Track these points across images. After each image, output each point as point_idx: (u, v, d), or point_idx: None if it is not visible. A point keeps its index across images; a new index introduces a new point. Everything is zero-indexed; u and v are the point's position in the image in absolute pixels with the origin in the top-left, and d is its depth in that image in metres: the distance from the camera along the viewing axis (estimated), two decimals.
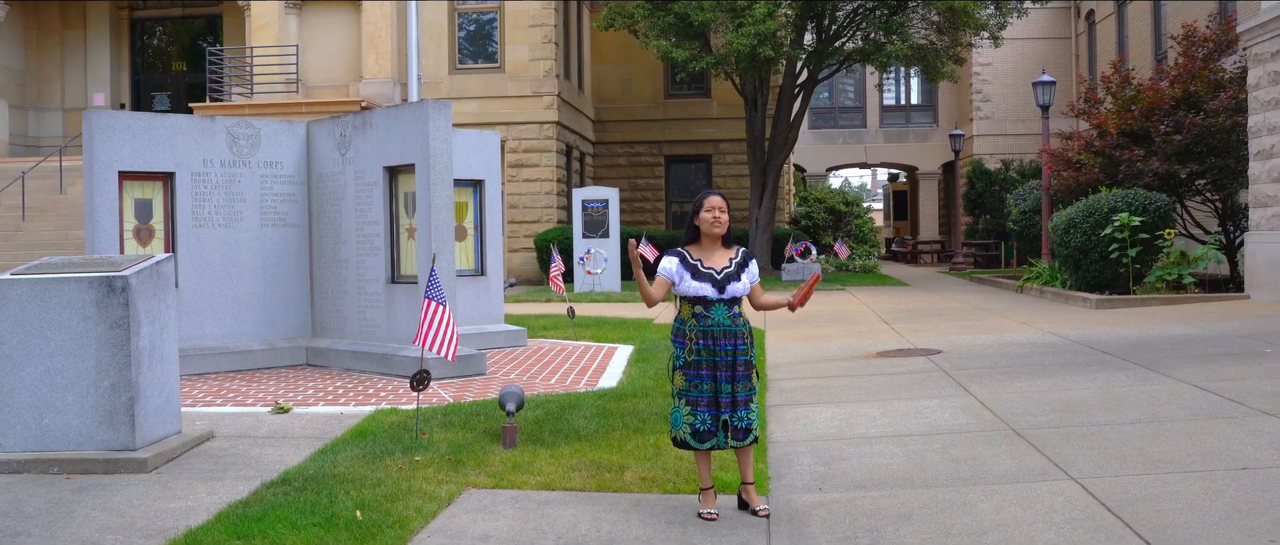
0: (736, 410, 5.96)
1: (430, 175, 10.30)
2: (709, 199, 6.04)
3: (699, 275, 5.96)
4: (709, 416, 5.94)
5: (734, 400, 5.96)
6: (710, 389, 5.95)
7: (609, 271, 24.08)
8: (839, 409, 9.32)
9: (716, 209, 6.01)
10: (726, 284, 5.97)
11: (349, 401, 9.35)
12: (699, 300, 5.96)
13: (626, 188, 35.80)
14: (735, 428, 5.96)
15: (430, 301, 7.46)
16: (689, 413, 5.96)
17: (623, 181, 35.81)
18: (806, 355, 13.09)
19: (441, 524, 5.88)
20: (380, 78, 28.45)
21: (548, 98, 29.15)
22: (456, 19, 29.65)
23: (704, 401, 5.95)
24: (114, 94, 32.48)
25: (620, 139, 36.03)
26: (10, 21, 30.32)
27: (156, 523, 5.88)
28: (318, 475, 6.66)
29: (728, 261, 6.03)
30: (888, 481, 6.71)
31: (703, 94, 35.45)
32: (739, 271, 6.03)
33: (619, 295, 23.07)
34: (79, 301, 7.13)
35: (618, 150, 36.11)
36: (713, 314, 5.95)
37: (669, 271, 6.00)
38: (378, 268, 11.01)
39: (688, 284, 5.95)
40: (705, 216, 6.00)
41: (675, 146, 35.85)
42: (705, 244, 6.05)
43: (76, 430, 7.16)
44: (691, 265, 5.98)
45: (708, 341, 5.94)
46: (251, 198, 11.41)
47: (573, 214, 24.83)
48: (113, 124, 10.66)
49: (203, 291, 11.15)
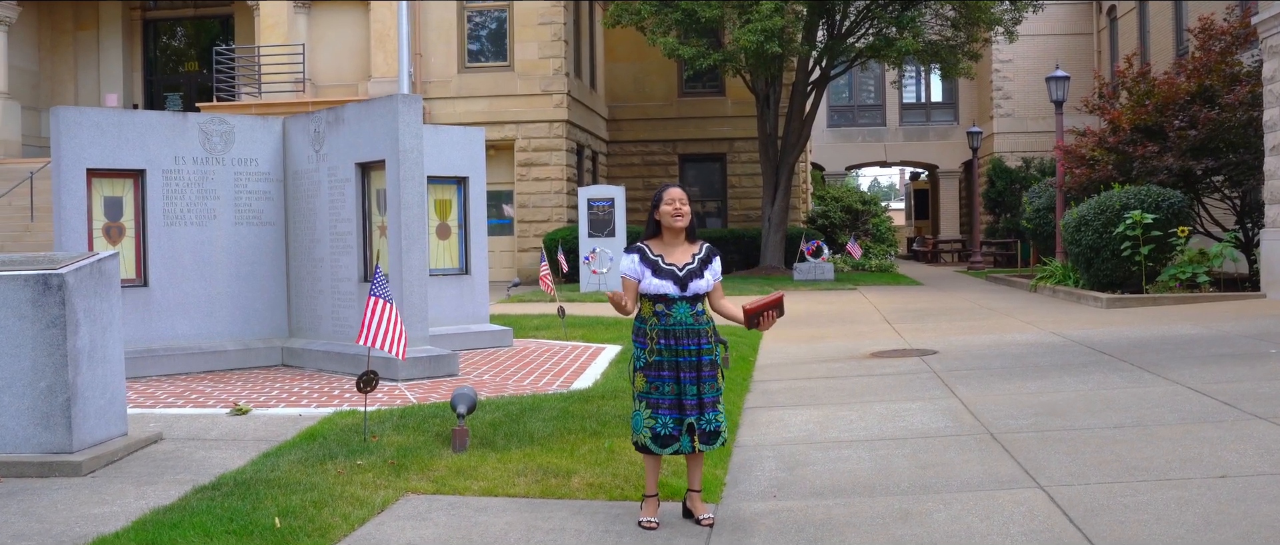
0: (703, 413, 5.68)
1: (400, 172, 10.06)
2: (668, 192, 5.75)
3: (660, 272, 5.67)
4: (671, 420, 5.65)
5: (701, 402, 5.68)
6: (673, 391, 5.66)
7: (614, 271, 23.76)
8: (816, 411, 9.01)
9: (677, 201, 5.73)
10: (689, 281, 5.67)
11: (311, 403, 9.11)
12: (660, 298, 5.67)
13: (640, 187, 35.51)
14: (703, 430, 5.68)
15: (376, 299, 7.20)
16: (650, 416, 5.67)
17: (636, 181, 35.52)
18: (799, 356, 12.78)
19: (367, 532, 5.62)
20: (389, 77, 28.28)
21: (557, 96, 28.90)
22: (466, 18, 29.46)
23: (666, 403, 5.66)
24: (127, 94, 32.47)
25: (634, 137, 35.76)
26: (23, 22, 30.34)
27: (73, 529, 5.65)
28: (251, 480, 6.41)
29: (690, 257, 5.74)
30: (847, 488, 6.41)
31: (717, 92, 35.13)
32: (702, 268, 5.74)
33: None
34: (15, 300, 6.92)
35: (631, 149, 35.84)
36: (675, 312, 5.66)
37: (631, 270, 5.72)
38: (351, 266, 10.77)
39: (649, 281, 5.67)
40: (665, 210, 5.71)
41: (689, 145, 35.54)
42: (667, 239, 5.76)
43: (13, 432, 6.95)
44: (652, 261, 5.69)
45: (670, 341, 5.66)
46: (225, 195, 11.19)
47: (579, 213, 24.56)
48: (80, 120, 10.46)
49: (175, 291, 10.94)
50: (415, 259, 10.16)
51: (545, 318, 16.41)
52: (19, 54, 30.47)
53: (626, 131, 35.82)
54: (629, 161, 35.83)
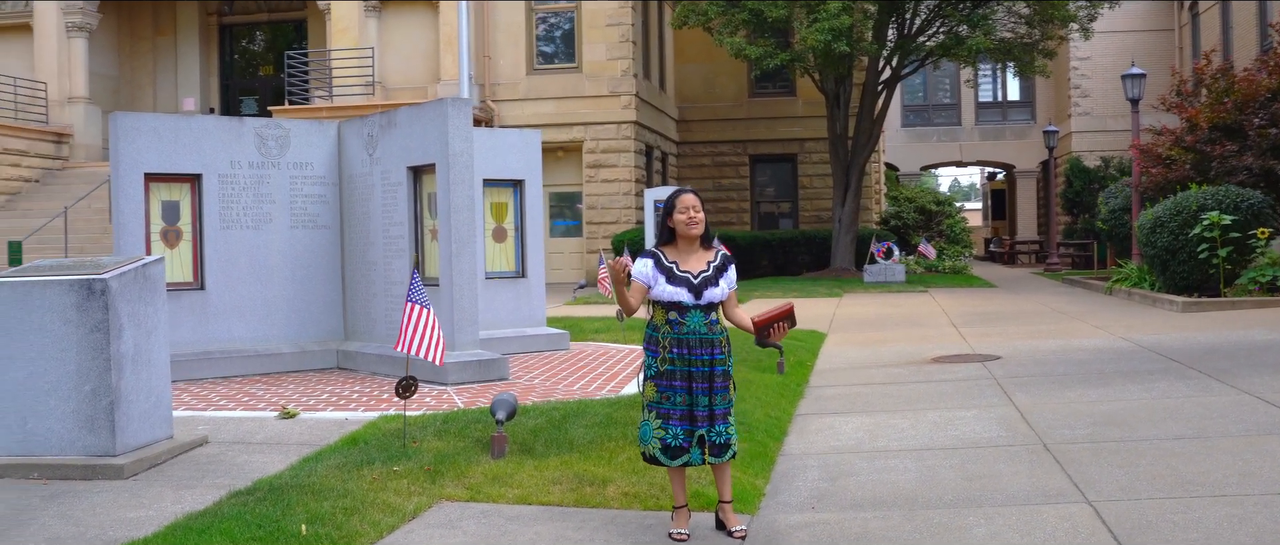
0: (714, 424, 5.54)
1: (450, 175, 10.04)
2: (682, 198, 5.62)
3: (674, 279, 5.54)
4: (682, 431, 5.52)
5: (712, 414, 5.54)
6: (684, 402, 5.53)
7: None
8: (868, 419, 8.83)
9: (691, 208, 5.59)
10: (704, 289, 5.54)
11: (359, 407, 9.13)
12: (674, 306, 5.54)
13: (711, 188, 35.37)
14: (712, 443, 5.54)
15: (412, 304, 7.17)
16: (660, 426, 5.55)
17: (707, 182, 35.38)
18: (859, 360, 12.58)
19: (394, 540, 5.58)
20: (457, 79, 28.39)
21: (626, 97, 28.86)
22: (534, 19, 29.53)
23: (676, 414, 5.53)
24: (203, 98, 33.03)
25: (704, 138, 35.61)
26: (103, 28, 30.99)
27: (107, 533, 5.68)
28: (286, 485, 6.40)
29: (706, 265, 5.60)
30: (888, 501, 6.24)
31: (787, 92, 34.86)
32: (717, 276, 5.60)
33: None
34: (60, 304, 6.99)
35: (701, 150, 35.69)
36: (688, 321, 5.53)
37: (643, 275, 5.59)
38: (403, 270, 10.78)
39: (662, 288, 5.54)
40: (679, 218, 5.58)
41: (760, 146, 35.31)
42: (681, 245, 5.63)
43: (59, 435, 7.02)
44: (667, 268, 5.57)
45: (682, 350, 5.53)
46: (281, 199, 11.27)
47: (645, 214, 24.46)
48: (137, 125, 10.60)
49: (231, 294, 11.04)
50: (465, 262, 10.14)
51: (607, 320, 16.34)
52: (99, 60, 31.12)
53: (697, 132, 35.67)
54: (699, 162, 35.69)
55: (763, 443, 7.72)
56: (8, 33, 30.47)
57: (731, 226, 33.92)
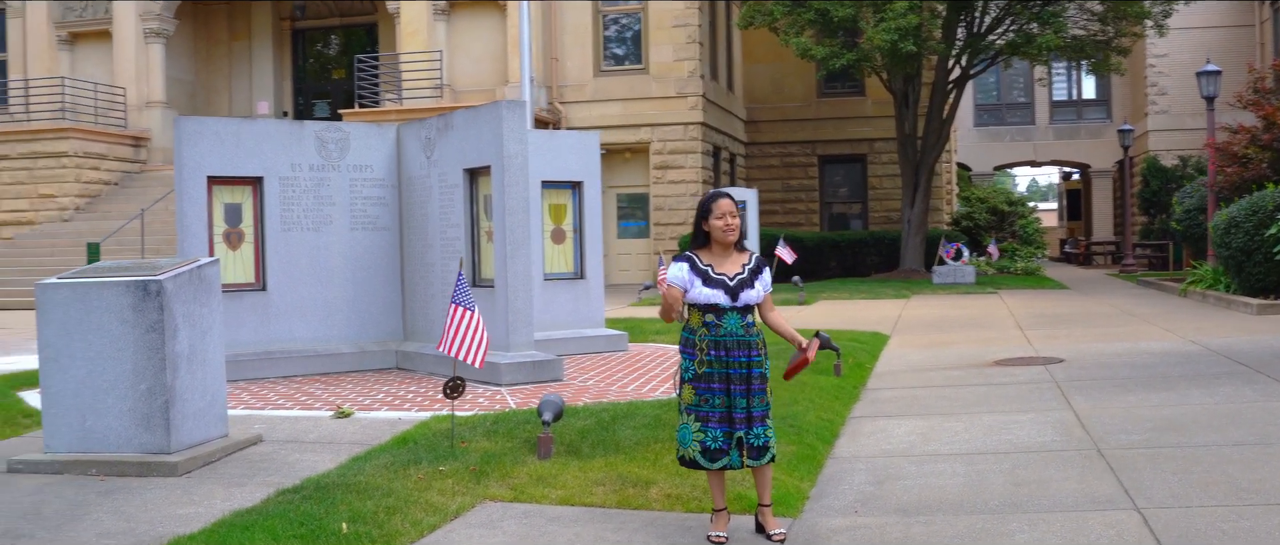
0: (752, 427, 5.53)
1: (505, 177, 10.10)
2: (719, 203, 5.60)
3: (710, 281, 5.54)
4: (721, 433, 5.51)
5: (749, 416, 5.53)
6: (723, 404, 5.52)
7: None
8: (922, 422, 8.74)
9: (728, 215, 5.58)
10: (740, 291, 5.53)
11: (413, 407, 9.21)
12: (710, 308, 5.53)
13: (779, 189, 35.23)
14: (751, 445, 5.53)
15: (456, 307, 7.22)
16: (699, 429, 5.54)
17: (775, 182, 35.25)
18: (919, 363, 12.45)
19: (434, 540, 5.63)
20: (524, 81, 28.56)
21: (692, 98, 28.83)
22: (601, 21, 29.60)
23: (716, 417, 5.52)
24: (277, 102, 33.57)
25: (773, 139, 35.47)
26: (180, 34, 31.62)
27: (156, 529, 5.79)
28: (333, 484, 6.48)
29: (740, 267, 5.59)
30: (933, 505, 6.17)
31: (857, 92, 34.60)
32: (753, 278, 5.58)
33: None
34: (117, 305, 7.14)
35: (770, 151, 35.55)
36: (725, 323, 5.52)
37: (679, 278, 5.59)
38: None
39: (699, 291, 5.53)
40: (716, 223, 5.57)
41: (829, 146, 35.08)
42: (716, 250, 5.62)
43: (116, 433, 7.18)
44: (702, 271, 5.56)
45: (720, 352, 5.52)
46: (341, 201, 11.42)
47: None
48: (200, 130, 10.80)
49: (292, 294, 11.21)
50: (519, 264, 10.20)
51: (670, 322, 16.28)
52: (176, 65, 31.75)
53: (765, 133, 35.54)
54: (768, 163, 35.55)
55: (812, 445, 7.67)
56: (88, 39, 31.21)
57: (800, 228, 33.74)
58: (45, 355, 7.28)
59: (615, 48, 29.88)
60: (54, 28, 31.04)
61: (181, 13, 31.36)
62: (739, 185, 33.52)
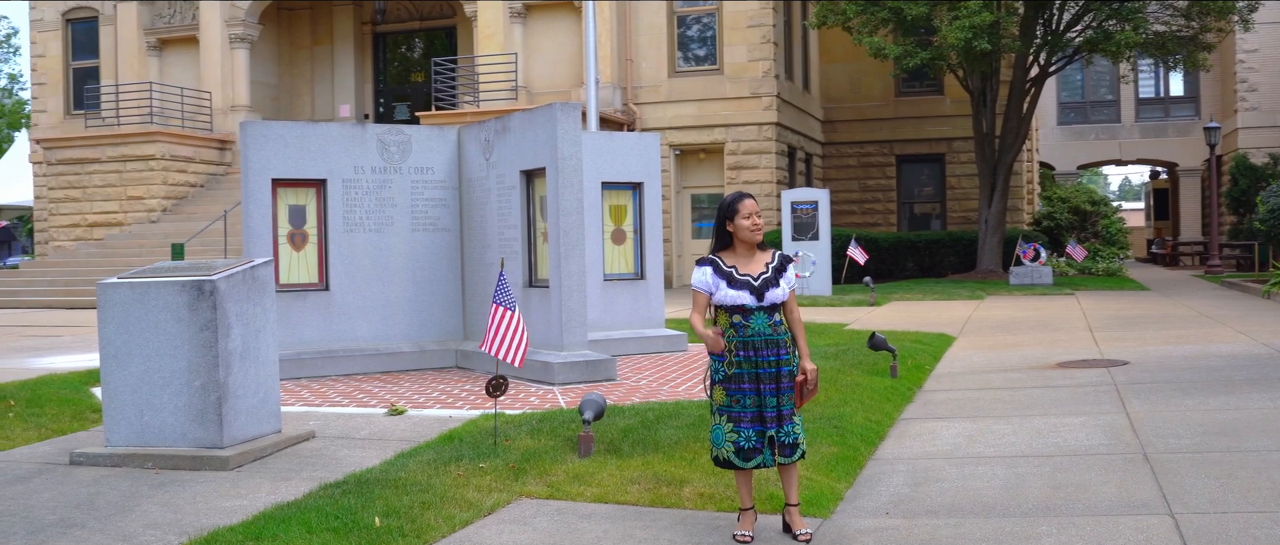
0: (783, 425, 5.57)
1: (559, 179, 10.22)
2: (745, 203, 5.64)
3: (735, 283, 5.58)
4: (754, 433, 5.56)
5: (779, 414, 5.57)
6: (754, 403, 5.56)
7: (819, 274, 23.52)
8: (971, 424, 8.68)
9: (754, 215, 5.63)
10: (765, 290, 5.56)
11: (465, 405, 9.37)
12: (737, 309, 5.58)
13: (856, 189, 35.00)
14: (781, 443, 5.57)
15: (498, 307, 7.34)
16: (731, 429, 5.60)
17: (852, 182, 35.02)
18: (981, 365, 12.33)
19: (466, 535, 5.74)
20: (602, 82, 28.74)
21: (767, 99, 28.76)
22: (675, 21, 29.66)
23: (748, 417, 5.57)
24: (358, 105, 34.14)
25: (850, 139, 35.24)
26: (263, 39, 32.31)
27: (200, 520, 5.98)
28: (374, 479, 6.64)
29: (764, 267, 5.62)
30: (966, 508, 6.15)
31: (935, 91, 34.24)
32: (777, 276, 5.61)
33: (827, 299, 22.49)
34: (173, 304, 7.38)
35: (847, 150, 35.33)
36: (752, 323, 5.56)
37: (703, 283, 5.64)
38: (516, 271, 11.01)
39: (724, 293, 5.58)
40: (743, 223, 5.61)
41: (906, 146, 34.76)
42: (739, 250, 5.67)
43: (172, 427, 7.41)
44: (726, 273, 5.61)
45: (748, 353, 5.56)
46: (402, 203, 11.63)
47: (782, 216, 24.40)
48: (265, 133, 11.08)
49: (354, 294, 11.44)
50: (573, 264, 10.31)
51: None
52: (260, 69, 32.46)
53: (842, 133, 35.33)
54: (845, 163, 35.34)
55: (855, 447, 7.66)
56: (176, 45, 32.04)
57: (877, 228, 33.49)
58: (106, 352, 7.55)
59: (689, 48, 29.92)
60: (143, 34, 31.92)
61: (266, 18, 32.05)
62: (815, 185, 33.38)
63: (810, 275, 23.42)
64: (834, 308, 20.90)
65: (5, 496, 6.65)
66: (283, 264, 11.20)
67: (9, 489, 6.83)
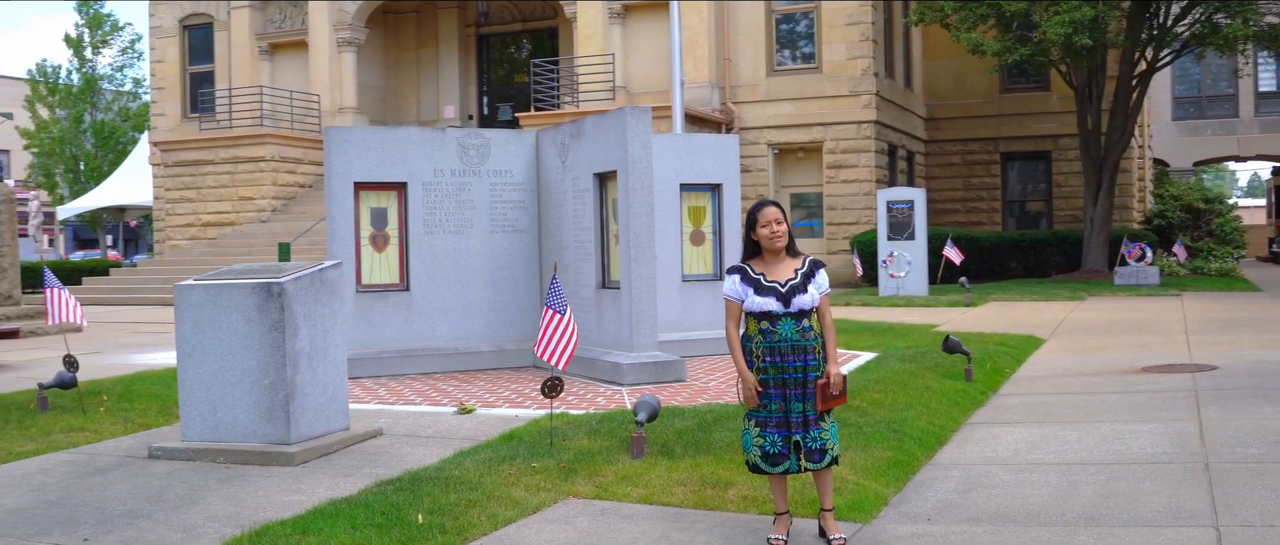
0: (809, 430, 5.61)
1: (629, 181, 10.34)
2: (764, 211, 5.70)
3: (762, 290, 5.64)
4: (779, 438, 5.62)
5: (806, 420, 5.61)
6: (780, 409, 5.62)
7: (914, 275, 23.28)
8: (1037, 430, 8.58)
9: (773, 222, 5.67)
10: (792, 297, 5.61)
11: (533, 404, 9.54)
12: (764, 315, 5.63)
13: (960, 187, 34.50)
14: (808, 449, 5.61)
15: (551, 310, 7.48)
16: (758, 434, 5.66)
17: (956, 181, 34.53)
18: (1064, 368, 12.14)
19: (506, 533, 5.89)
20: (698, 82, 28.82)
21: (866, 97, 28.52)
22: (774, 20, 29.58)
23: (773, 422, 5.63)
24: (463, 106, 34.71)
25: (953, 136, 34.73)
26: (370, 43, 33.05)
27: (258, 513, 6.23)
28: (429, 476, 6.83)
29: (793, 272, 5.66)
30: (1009, 515, 6.12)
31: (1040, 87, 33.56)
32: (805, 282, 5.65)
33: (922, 300, 22.25)
34: (243, 305, 7.67)
35: (950, 148, 34.83)
36: (779, 329, 5.61)
37: (733, 291, 5.72)
38: (590, 273, 11.16)
39: (752, 300, 5.64)
40: (762, 231, 5.67)
41: (1011, 143, 34.13)
42: (768, 257, 5.72)
43: (242, 424, 7.71)
44: (754, 280, 5.67)
45: (775, 358, 5.61)
46: (481, 205, 11.87)
47: (878, 215, 24.19)
48: (347, 138, 11.40)
49: (434, 295, 11.71)
50: (643, 266, 10.42)
51: None
52: (366, 72, 33.20)
53: (945, 130, 34.85)
54: (948, 161, 34.85)
55: (910, 451, 7.64)
56: (286, 49, 32.95)
57: (981, 227, 32.98)
58: (182, 351, 7.88)
59: (788, 47, 29.81)
60: (255, 39, 32.89)
61: (372, 22, 32.78)
62: (918, 184, 33.01)
63: (905, 276, 23.20)
64: (928, 308, 20.68)
65: (83, 487, 7.00)
66: (364, 265, 11.52)
67: (89, 480, 7.19)
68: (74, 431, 8.66)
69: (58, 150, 48.56)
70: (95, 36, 50.54)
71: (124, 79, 52.34)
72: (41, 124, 48.79)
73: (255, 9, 32.92)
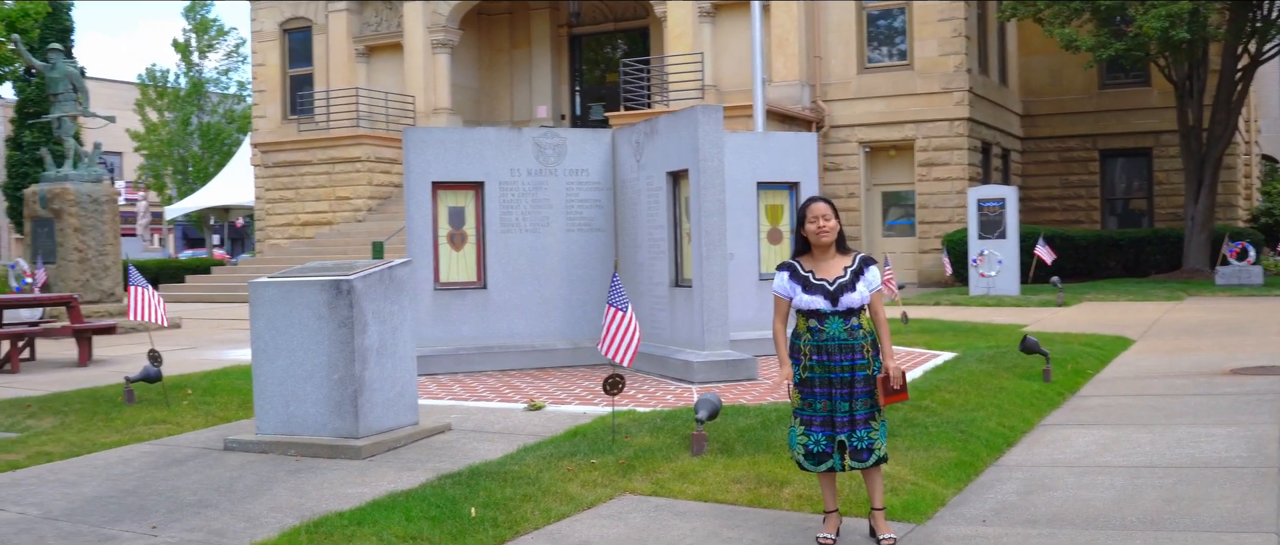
0: (855, 430, 5.59)
1: (700, 180, 10.37)
2: (812, 208, 5.69)
3: (810, 287, 5.63)
4: (823, 437, 5.60)
5: (852, 419, 5.58)
6: (825, 408, 5.61)
7: (1005, 274, 22.92)
8: (1111, 432, 8.41)
9: (820, 218, 5.65)
10: (840, 295, 5.59)
11: (601, 401, 9.60)
12: (812, 313, 5.62)
13: (1058, 185, 33.87)
14: (853, 448, 5.59)
15: (613, 308, 7.53)
16: (803, 433, 5.66)
17: (1053, 178, 33.91)
18: (1149, 369, 11.87)
19: (558, 528, 5.96)
20: (788, 80, 28.72)
21: (958, 94, 28.15)
22: (865, 17, 29.33)
23: (818, 421, 5.62)
24: (555, 106, 35.01)
25: (1050, 133, 34.09)
26: (464, 44, 33.50)
27: (320, 504, 6.39)
28: (488, 471, 6.93)
29: (842, 270, 5.64)
30: (1066, 519, 6.02)
31: (1140, 82, 32.76)
32: (855, 280, 5.61)
33: (1012, 300, 21.90)
34: (314, 302, 7.86)
35: (1047, 146, 34.19)
36: (827, 327, 5.59)
37: (781, 288, 5.72)
38: (663, 271, 11.21)
39: (800, 297, 5.64)
40: (810, 227, 5.67)
41: (1110, 140, 33.40)
42: (817, 254, 5.70)
43: (313, 418, 7.90)
44: (803, 277, 5.66)
45: (822, 357, 5.60)
46: (557, 204, 11.99)
47: (968, 214, 23.86)
48: (425, 139, 11.60)
49: (511, 293, 11.85)
50: (714, 264, 10.43)
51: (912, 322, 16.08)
52: (460, 73, 33.66)
53: (1042, 127, 34.22)
54: (1045, 158, 34.22)
55: (976, 452, 7.55)
56: (382, 51, 33.55)
57: (1079, 225, 32.32)
58: (256, 346, 8.10)
59: (879, 44, 29.53)
60: (352, 42, 33.54)
61: (465, 24, 33.22)
62: (1013, 182, 32.50)
63: (996, 275, 22.85)
64: (1018, 308, 20.35)
65: (159, 477, 7.24)
66: (443, 263, 11.71)
67: (165, 471, 7.43)
68: (156, 424, 8.96)
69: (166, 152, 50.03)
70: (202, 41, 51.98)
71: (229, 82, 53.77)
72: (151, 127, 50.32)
73: (352, 12, 33.57)
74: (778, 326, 5.76)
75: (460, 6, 32.54)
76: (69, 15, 39.94)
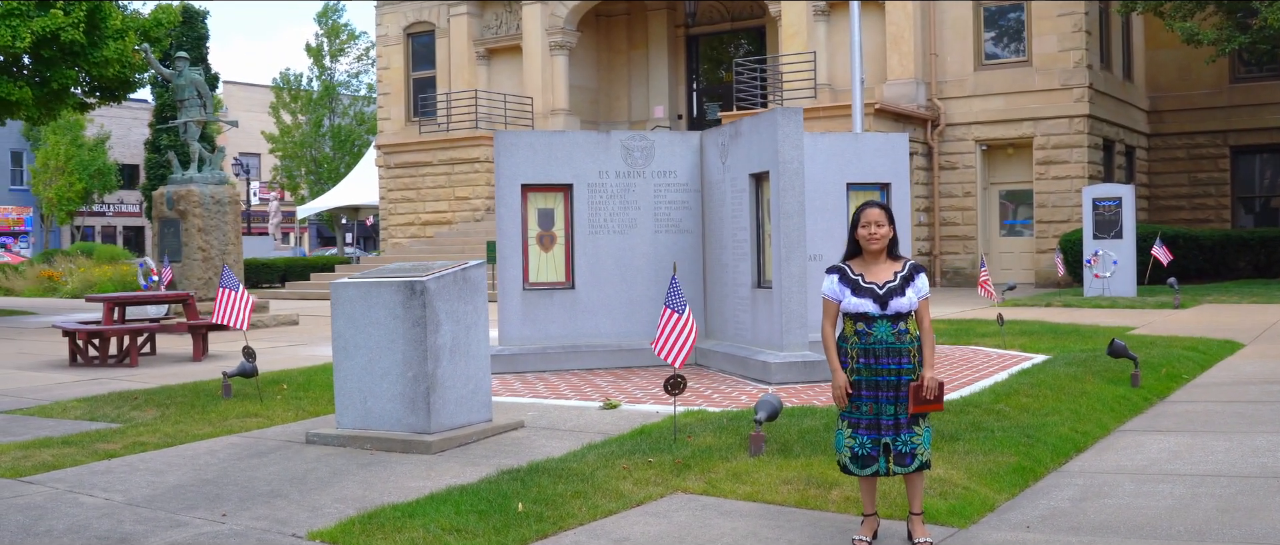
0: (899, 434, 5.64)
1: (780, 182, 10.43)
2: (867, 213, 5.76)
3: (860, 291, 5.70)
4: (869, 440, 5.67)
5: (897, 423, 5.64)
6: (871, 411, 5.67)
7: (1120, 275, 22.36)
8: (1186, 439, 8.25)
9: (873, 223, 5.72)
10: (889, 299, 5.65)
11: (678, 402, 9.73)
12: (861, 317, 5.69)
13: (1185, 183, 32.84)
14: (898, 452, 5.64)
15: (669, 310, 7.67)
16: (849, 435, 5.73)
17: (1181, 176, 32.88)
18: (1250, 375, 11.54)
19: (603, 524, 6.13)
20: (903, 79, 28.44)
21: (1078, 90, 27.52)
22: (981, 13, 28.86)
23: (864, 424, 5.69)
24: (672, 106, 35.22)
25: (1178, 130, 33.06)
26: (581, 46, 33.92)
27: (384, 496, 6.67)
28: (547, 468, 7.14)
29: (892, 275, 5.70)
30: (1113, 527, 5.97)
31: (1274, 76, 31.54)
32: (904, 286, 5.67)
33: (1127, 302, 21.33)
34: (390, 302, 8.17)
35: (1174, 142, 33.17)
36: (875, 331, 5.66)
37: (831, 291, 5.80)
38: (745, 272, 11.30)
39: (849, 301, 5.71)
40: (862, 232, 5.73)
41: (1242, 136, 32.24)
42: (867, 258, 5.77)
43: (389, 414, 8.22)
44: (852, 281, 5.73)
45: (869, 360, 5.67)
46: (645, 206, 12.16)
47: (1083, 213, 23.34)
48: (515, 142, 11.88)
49: (598, 293, 12.07)
50: (793, 266, 10.48)
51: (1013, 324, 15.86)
52: (578, 74, 34.10)
53: (1169, 124, 33.21)
54: (1172, 156, 33.20)
55: (1039, 458, 7.49)
56: (502, 54, 34.18)
57: (1207, 224, 31.28)
58: (336, 344, 8.45)
59: (996, 40, 29.04)
60: (473, 45, 34.23)
61: (583, 25, 33.63)
62: (1138, 180, 31.65)
63: (1110, 276, 22.32)
64: (1132, 310, 19.84)
65: (239, 468, 7.62)
66: (532, 264, 11.99)
67: (246, 462, 7.82)
68: (248, 417, 9.40)
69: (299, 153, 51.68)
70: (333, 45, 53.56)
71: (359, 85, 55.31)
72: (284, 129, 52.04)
73: (473, 15, 34.26)
74: (827, 330, 5.83)
75: (578, 8, 32.97)
76: (204, 23, 41.60)
